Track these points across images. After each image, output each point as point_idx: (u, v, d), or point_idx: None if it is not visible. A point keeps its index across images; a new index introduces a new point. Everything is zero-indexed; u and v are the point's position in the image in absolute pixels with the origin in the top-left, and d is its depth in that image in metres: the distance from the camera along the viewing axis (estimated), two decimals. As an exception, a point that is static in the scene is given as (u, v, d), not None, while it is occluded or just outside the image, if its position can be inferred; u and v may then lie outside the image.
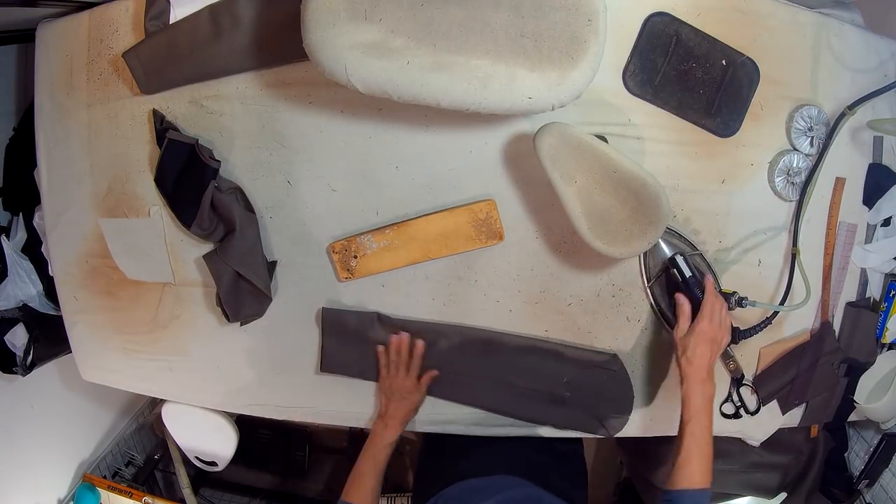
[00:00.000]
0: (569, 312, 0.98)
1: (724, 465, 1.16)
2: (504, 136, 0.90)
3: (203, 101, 0.95)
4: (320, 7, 0.71)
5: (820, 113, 0.92)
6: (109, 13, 0.98)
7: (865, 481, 1.17)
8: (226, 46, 0.90)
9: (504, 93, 0.73)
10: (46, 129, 1.06)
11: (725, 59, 0.88)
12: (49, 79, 1.04)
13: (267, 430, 1.92)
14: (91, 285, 1.12)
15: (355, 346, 1.00)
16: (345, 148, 0.93)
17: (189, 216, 0.96)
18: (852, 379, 1.06)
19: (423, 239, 0.93)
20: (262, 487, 1.99)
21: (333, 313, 1.00)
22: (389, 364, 0.98)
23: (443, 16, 0.71)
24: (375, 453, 0.93)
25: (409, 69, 0.72)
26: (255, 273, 0.96)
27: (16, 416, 1.32)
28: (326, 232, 0.97)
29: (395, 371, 0.98)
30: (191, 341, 1.09)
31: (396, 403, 0.97)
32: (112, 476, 1.60)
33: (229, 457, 1.35)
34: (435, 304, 0.99)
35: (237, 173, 0.97)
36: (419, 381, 0.98)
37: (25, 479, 1.35)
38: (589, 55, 0.72)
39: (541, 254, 0.95)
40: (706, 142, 0.91)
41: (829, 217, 0.97)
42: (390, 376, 0.98)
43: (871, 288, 1.04)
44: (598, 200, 0.82)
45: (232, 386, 1.10)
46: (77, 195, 1.07)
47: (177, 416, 1.28)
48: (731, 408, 1.02)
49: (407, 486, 1.94)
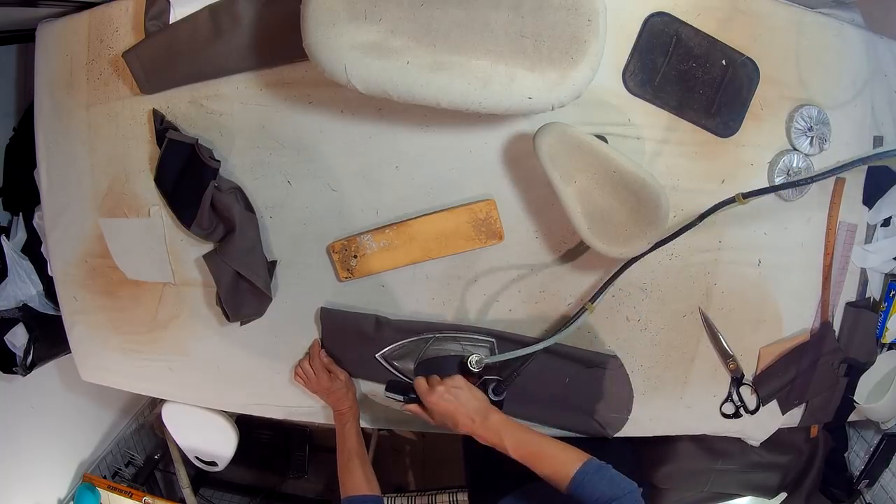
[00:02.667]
0: (569, 312, 0.98)
1: (724, 465, 1.16)
2: (504, 136, 0.90)
3: (203, 101, 0.95)
4: (320, 7, 0.71)
5: (820, 113, 0.92)
6: (109, 13, 0.98)
7: (865, 481, 1.18)
8: (226, 46, 0.90)
9: (504, 93, 0.73)
10: (46, 129, 1.06)
11: (725, 59, 0.88)
12: (49, 79, 1.04)
13: (267, 430, 1.93)
14: (91, 285, 1.12)
15: (354, 347, 1.00)
16: (345, 148, 0.93)
17: (189, 216, 0.96)
18: (852, 379, 1.06)
19: (423, 239, 0.93)
20: (262, 487, 1.99)
21: (332, 314, 1.00)
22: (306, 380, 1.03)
23: (443, 16, 0.71)
24: (345, 441, 0.96)
25: (409, 69, 0.72)
26: (255, 273, 0.96)
27: (16, 416, 1.32)
28: (326, 232, 0.97)
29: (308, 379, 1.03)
30: (191, 341, 1.09)
31: (330, 397, 1.01)
32: (112, 476, 1.60)
33: (229, 457, 1.35)
34: (435, 304, 0.99)
35: (237, 173, 0.97)
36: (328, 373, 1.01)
37: (25, 479, 1.35)
38: (589, 55, 0.72)
39: (541, 254, 0.95)
40: (706, 142, 0.91)
41: (829, 217, 0.97)
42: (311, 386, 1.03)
43: (871, 288, 1.04)
44: (598, 200, 0.82)
45: (232, 386, 1.10)
46: (77, 195, 1.07)
47: (177, 416, 1.28)
48: (731, 408, 1.02)
49: (407, 486, 1.94)
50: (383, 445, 1.86)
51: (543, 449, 0.75)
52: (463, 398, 0.80)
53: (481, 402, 0.82)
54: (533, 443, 0.76)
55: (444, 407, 0.80)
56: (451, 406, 0.80)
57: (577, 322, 0.90)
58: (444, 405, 0.80)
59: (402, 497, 1.49)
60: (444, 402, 0.80)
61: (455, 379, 0.82)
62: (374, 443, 1.72)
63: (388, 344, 0.99)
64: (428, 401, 0.81)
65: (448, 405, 0.80)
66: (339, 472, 0.94)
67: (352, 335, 1.00)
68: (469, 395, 0.81)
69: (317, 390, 1.03)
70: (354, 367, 1.03)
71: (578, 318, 0.90)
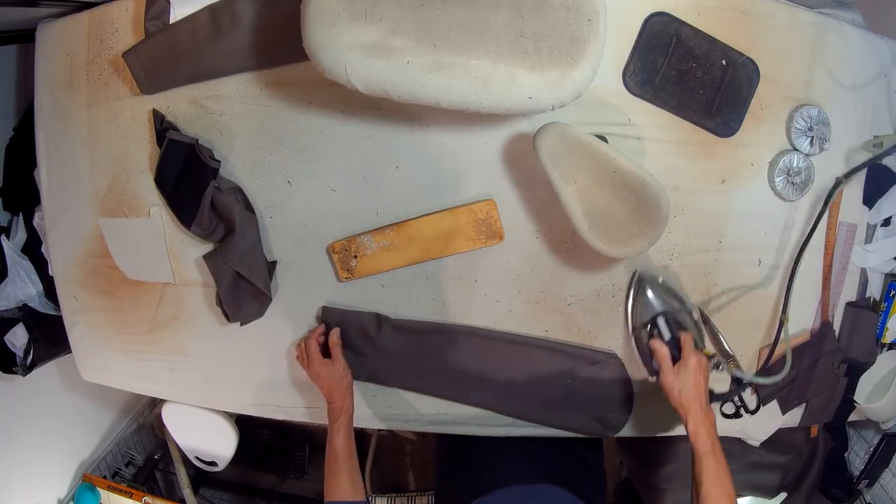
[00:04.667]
0: (569, 312, 0.98)
1: (725, 465, 1.16)
2: (504, 136, 0.90)
3: (203, 101, 0.95)
4: (320, 7, 0.71)
5: (820, 113, 0.92)
6: (109, 13, 0.98)
7: (865, 481, 1.18)
8: (226, 46, 0.90)
9: (504, 93, 0.73)
10: (46, 129, 1.06)
11: (725, 59, 0.88)
12: (49, 79, 1.04)
13: (267, 430, 1.93)
14: (91, 285, 1.12)
15: (355, 346, 1.00)
16: (345, 148, 0.93)
17: (189, 216, 0.96)
18: (852, 379, 1.06)
19: (423, 239, 0.93)
20: (262, 487, 1.99)
21: (333, 312, 1.00)
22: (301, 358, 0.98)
23: (443, 16, 0.71)
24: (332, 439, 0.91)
25: (409, 69, 0.72)
26: (255, 273, 0.96)
27: (16, 416, 1.33)
28: (326, 232, 0.97)
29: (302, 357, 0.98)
30: (191, 341, 1.09)
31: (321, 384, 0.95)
32: (112, 476, 1.60)
33: (229, 457, 1.35)
34: (435, 304, 0.99)
35: (237, 173, 0.97)
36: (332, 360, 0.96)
37: (25, 479, 1.35)
38: (589, 55, 0.72)
39: (541, 254, 0.95)
40: (706, 142, 0.91)
41: (829, 217, 0.97)
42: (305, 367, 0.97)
43: (871, 288, 1.04)
44: (598, 200, 0.82)
45: (232, 386, 1.10)
46: (77, 195, 1.07)
47: (177, 416, 1.28)
48: (731, 408, 1.02)
49: (407, 486, 1.94)
50: (383, 445, 1.85)
51: (719, 479, 0.77)
52: (706, 385, 0.82)
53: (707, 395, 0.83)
54: (720, 466, 0.78)
55: (694, 377, 0.81)
56: (700, 381, 0.81)
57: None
58: (695, 378, 0.81)
59: (402, 497, 1.49)
60: (697, 376, 0.81)
61: (708, 363, 0.84)
62: (373, 443, 1.72)
63: (389, 343, 0.99)
64: (690, 360, 0.82)
65: (698, 380, 0.81)
66: (325, 474, 0.90)
67: (353, 333, 1.00)
68: (707, 384, 0.83)
69: (310, 374, 0.97)
70: (355, 367, 1.02)
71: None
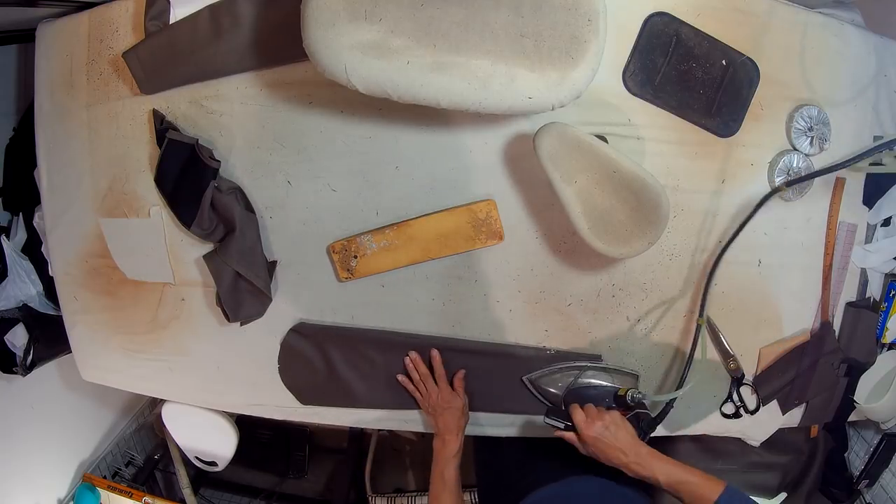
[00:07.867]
0: (569, 312, 0.98)
1: (724, 465, 1.17)
2: (504, 136, 0.90)
3: (203, 101, 0.95)
4: (320, 7, 0.71)
5: (820, 113, 0.92)
6: (109, 13, 0.98)
7: (865, 481, 1.18)
8: (226, 46, 0.90)
9: (504, 93, 0.73)
10: (46, 129, 1.06)
11: (725, 59, 0.88)
12: (49, 79, 1.04)
13: (267, 430, 1.92)
14: (91, 285, 1.12)
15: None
16: (345, 148, 0.93)
17: (189, 216, 0.96)
18: (852, 379, 1.06)
19: (423, 239, 0.93)
20: (262, 487, 1.99)
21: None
22: (416, 386, 1.00)
23: (443, 16, 0.71)
24: (442, 470, 0.94)
25: (409, 69, 0.72)
26: (255, 273, 0.96)
27: (16, 416, 1.32)
28: (326, 232, 0.97)
29: (425, 389, 0.99)
30: (191, 341, 1.09)
31: (442, 417, 0.97)
32: (112, 476, 1.60)
33: (229, 457, 1.35)
34: (435, 304, 0.99)
35: (237, 173, 0.97)
36: (452, 387, 0.99)
37: (25, 479, 1.35)
38: (589, 55, 0.72)
39: (541, 254, 0.95)
40: (706, 142, 0.91)
41: (829, 217, 0.97)
42: (423, 396, 1.00)
43: (871, 288, 1.04)
44: (598, 200, 0.82)
45: (232, 386, 1.10)
46: (77, 195, 1.07)
47: (177, 416, 1.28)
48: (731, 408, 1.02)
49: (407, 486, 1.94)
50: (383, 445, 1.85)
51: (689, 478, 0.78)
52: (620, 435, 0.83)
53: (632, 436, 0.84)
54: (678, 473, 0.79)
55: (600, 442, 0.83)
56: (608, 442, 0.82)
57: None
58: (600, 441, 0.82)
59: (402, 497, 1.49)
60: (602, 437, 0.82)
61: (613, 415, 0.84)
62: (373, 443, 1.72)
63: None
64: (585, 434, 0.83)
65: (605, 441, 0.82)
66: (430, 499, 0.95)
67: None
68: (623, 431, 0.83)
69: (427, 405, 0.99)
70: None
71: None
